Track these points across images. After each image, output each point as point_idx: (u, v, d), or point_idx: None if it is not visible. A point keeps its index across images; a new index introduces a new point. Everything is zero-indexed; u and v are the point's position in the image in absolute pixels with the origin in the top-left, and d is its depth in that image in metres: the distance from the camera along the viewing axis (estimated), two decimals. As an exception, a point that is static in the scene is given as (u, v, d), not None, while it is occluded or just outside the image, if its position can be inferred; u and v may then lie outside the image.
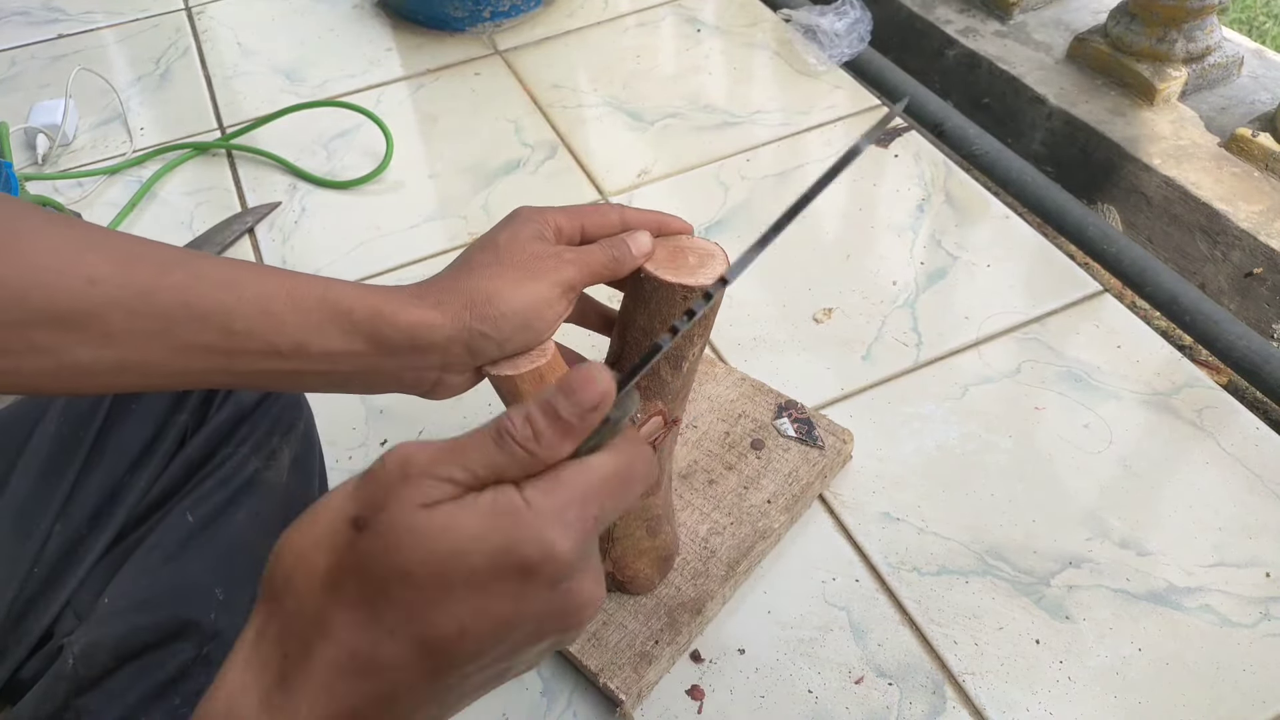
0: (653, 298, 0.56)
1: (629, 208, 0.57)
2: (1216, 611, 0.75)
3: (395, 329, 0.46)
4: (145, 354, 0.41)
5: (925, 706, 0.71)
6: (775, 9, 1.45)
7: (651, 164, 1.20)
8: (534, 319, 0.49)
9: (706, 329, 0.60)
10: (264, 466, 0.59)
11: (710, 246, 0.57)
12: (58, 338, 0.39)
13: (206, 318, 0.42)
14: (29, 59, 1.48)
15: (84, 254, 0.40)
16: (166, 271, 0.41)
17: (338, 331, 0.45)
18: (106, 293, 0.39)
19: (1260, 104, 1.21)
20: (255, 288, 0.43)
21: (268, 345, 0.43)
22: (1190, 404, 0.89)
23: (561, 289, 0.50)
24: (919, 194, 1.13)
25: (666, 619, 0.73)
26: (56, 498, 0.54)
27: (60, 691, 0.48)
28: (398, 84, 1.37)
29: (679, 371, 0.60)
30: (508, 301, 0.48)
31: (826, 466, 0.82)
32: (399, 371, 0.48)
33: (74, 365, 0.40)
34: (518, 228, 0.51)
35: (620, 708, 0.70)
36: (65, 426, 0.57)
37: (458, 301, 0.47)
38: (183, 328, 0.41)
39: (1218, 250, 1.11)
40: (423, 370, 0.48)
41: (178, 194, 1.22)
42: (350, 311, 0.45)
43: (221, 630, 0.52)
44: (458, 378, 0.50)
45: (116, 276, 0.40)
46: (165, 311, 0.41)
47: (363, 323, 0.45)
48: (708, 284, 0.55)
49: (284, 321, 0.43)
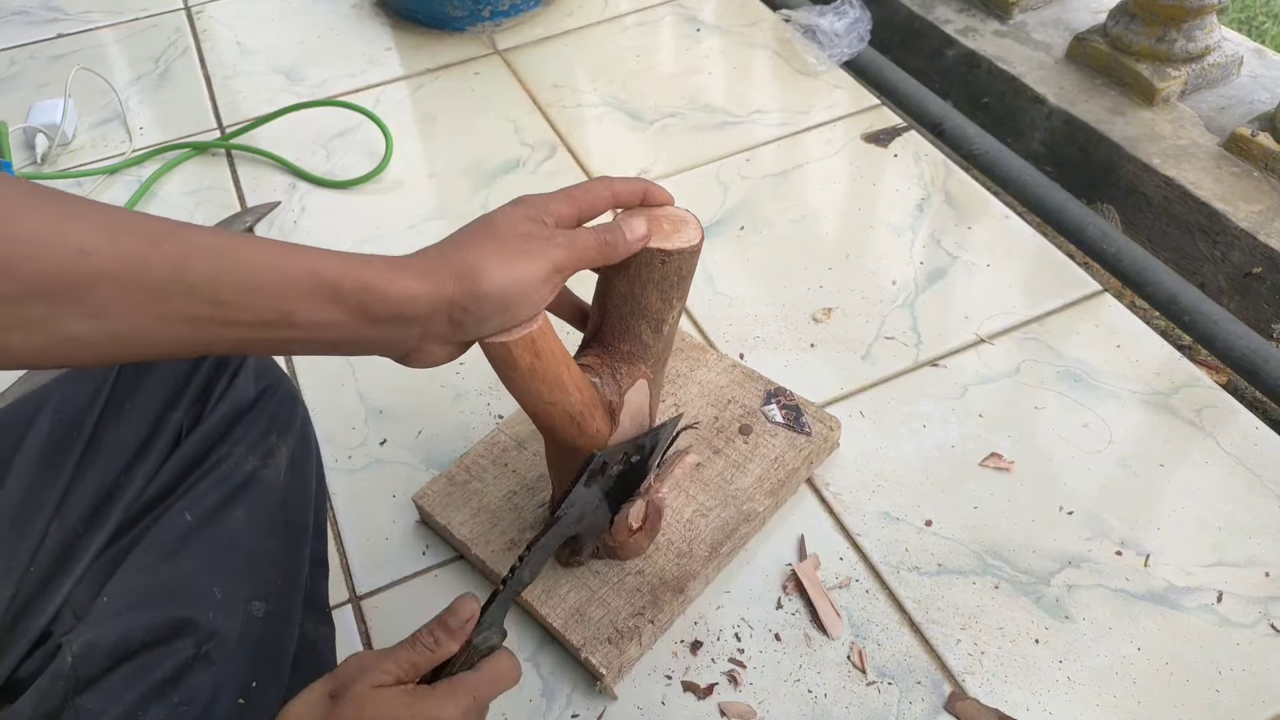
0: (631, 264, 0.59)
1: (617, 179, 0.59)
2: (1216, 611, 0.75)
3: (382, 302, 0.47)
4: (136, 324, 0.41)
5: (925, 706, 0.71)
6: (775, 8, 1.45)
7: (651, 163, 1.20)
8: (517, 300, 0.50)
9: (684, 292, 0.62)
10: (261, 465, 0.59)
11: (682, 213, 0.61)
12: (49, 310, 0.39)
13: (197, 289, 0.42)
14: (28, 58, 1.48)
15: (72, 225, 0.39)
16: (156, 242, 0.41)
17: (325, 303, 0.45)
18: (96, 264, 0.39)
19: (1260, 104, 1.21)
20: (245, 259, 0.43)
21: (256, 316, 0.44)
22: (1190, 403, 0.89)
23: (548, 272, 0.51)
24: (918, 194, 1.13)
25: (649, 597, 0.74)
26: (52, 497, 0.54)
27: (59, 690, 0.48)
28: (397, 83, 1.37)
29: (660, 335, 0.63)
30: (492, 280, 0.49)
31: (813, 453, 0.83)
32: (381, 339, 0.49)
33: (66, 337, 0.40)
34: (514, 210, 0.53)
35: (600, 681, 0.71)
36: (60, 426, 0.56)
37: (444, 272, 0.48)
38: (173, 298, 0.41)
39: (1217, 250, 1.11)
40: (404, 338, 0.49)
41: (177, 193, 1.22)
42: (338, 283, 0.45)
43: (219, 629, 0.52)
44: (437, 348, 0.51)
45: (106, 248, 0.40)
46: (156, 282, 0.41)
47: (350, 295, 0.46)
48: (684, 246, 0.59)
49: (273, 291, 0.44)
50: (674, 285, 0.60)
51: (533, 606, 0.75)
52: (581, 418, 0.60)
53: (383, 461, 0.90)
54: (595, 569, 0.76)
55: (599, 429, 0.62)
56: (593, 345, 0.64)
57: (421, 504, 0.82)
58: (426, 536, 0.84)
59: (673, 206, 0.61)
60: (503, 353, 0.53)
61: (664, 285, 0.60)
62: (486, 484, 0.82)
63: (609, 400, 0.62)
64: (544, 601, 0.74)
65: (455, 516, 0.80)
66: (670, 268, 0.59)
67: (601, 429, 0.62)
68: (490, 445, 0.85)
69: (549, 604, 0.74)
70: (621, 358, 0.63)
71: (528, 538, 0.78)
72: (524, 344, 0.53)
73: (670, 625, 0.75)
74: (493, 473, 0.83)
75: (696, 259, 0.61)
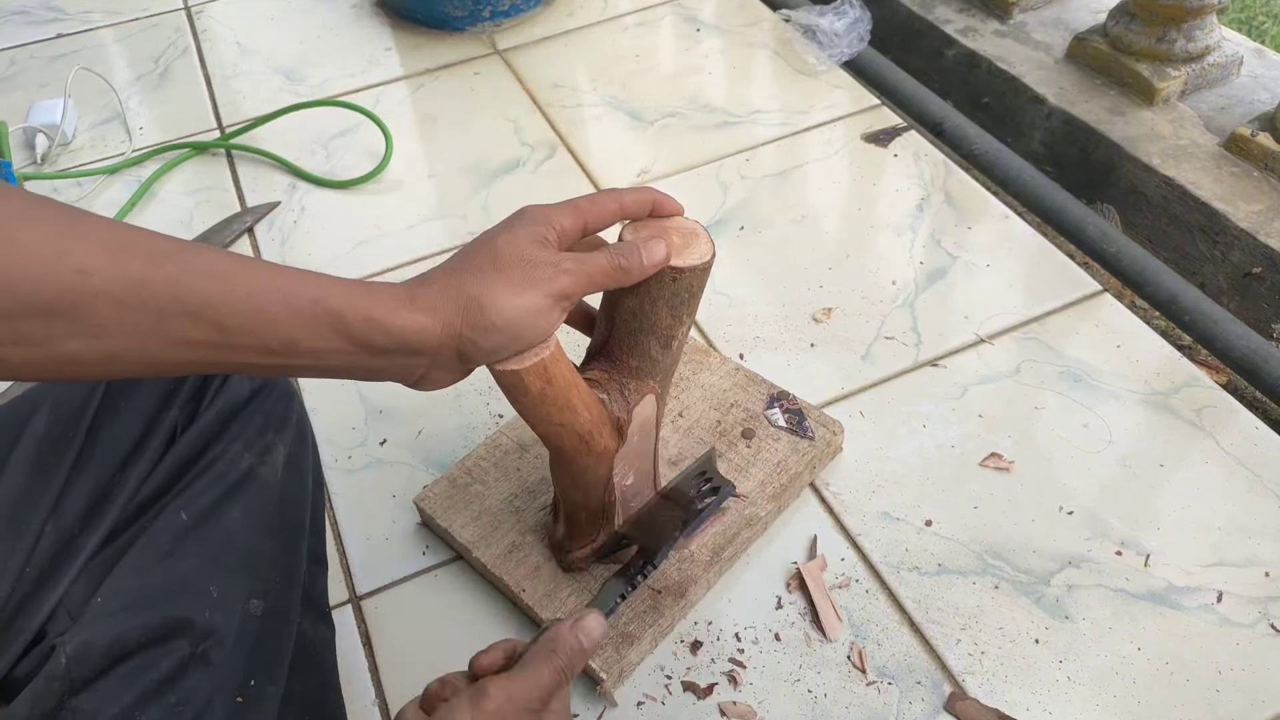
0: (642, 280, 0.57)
1: (627, 191, 0.57)
2: (1216, 611, 0.75)
3: (386, 334, 0.46)
4: (135, 345, 0.41)
5: (925, 706, 0.71)
6: (775, 8, 1.45)
7: (651, 163, 1.20)
8: (524, 330, 0.50)
9: (695, 308, 0.61)
10: (258, 463, 0.59)
11: (692, 225, 0.59)
12: (46, 328, 0.38)
13: (199, 313, 0.41)
14: (28, 58, 1.48)
15: (73, 243, 0.39)
16: (158, 263, 0.40)
17: (329, 332, 0.45)
18: (96, 284, 0.39)
19: (1260, 103, 1.21)
20: (248, 284, 0.43)
21: (259, 342, 0.43)
22: (1189, 403, 0.89)
23: (554, 299, 0.51)
24: (918, 194, 1.13)
25: (650, 601, 0.74)
26: (47, 497, 0.54)
27: (54, 691, 0.47)
28: (397, 83, 1.37)
29: (668, 350, 0.62)
30: (500, 312, 0.48)
31: (816, 457, 0.82)
32: (386, 368, 0.48)
33: (63, 356, 0.39)
34: (518, 231, 0.51)
35: (600, 686, 0.71)
36: (55, 426, 0.56)
37: (451, 307, 0.48)
38: (174, 321, 0.41)
39: (1217, 250, 1.11)
40: (410, 367, 0.49)
41: (177, 193, 1.22)
42: (341, 314, 0.45)
43: (216, 628, 0.52)
44: (445, 374, 0.51)
45: (106, 268, 0.39)
46: (156, 305, 0.40)
47: (354, 325, 0.45)
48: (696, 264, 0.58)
49: (276, 319, 0.43)
50: (684, 302, 0.59)
51: (533, 610, 0.74)
52: (590, 436, 0.60)
53: (383, 462, 0.90)
54: (596, 574, 0.76)
55: (606, 446, 0.62)
56: (600, 359, 0.63)
57: (423, 506, 0.82)
58: (426, 537, 0.84)
59: (682, 217, 0.59)
60: (514, 380, 0.52)
61: (674, 302, 0.59)
62: (488, 487, 0.82)
63: (617, 417, 0.61)
64: (544, 605, 0.74)
65: (456, 519, 0.80)
66: (681, 285, 0.58)
67: (609, 446, 0.62)
68: (492, 448, 0.85)
69: (549, 608, 0.74)
70: (630, 373, 0.62)
71: (529, 540, 0.78)
72: (535, 371, 0.52)
73: (671, 629, 0.75)
74: (494, 475, 0.83)
75: (708, 275, 0.59)
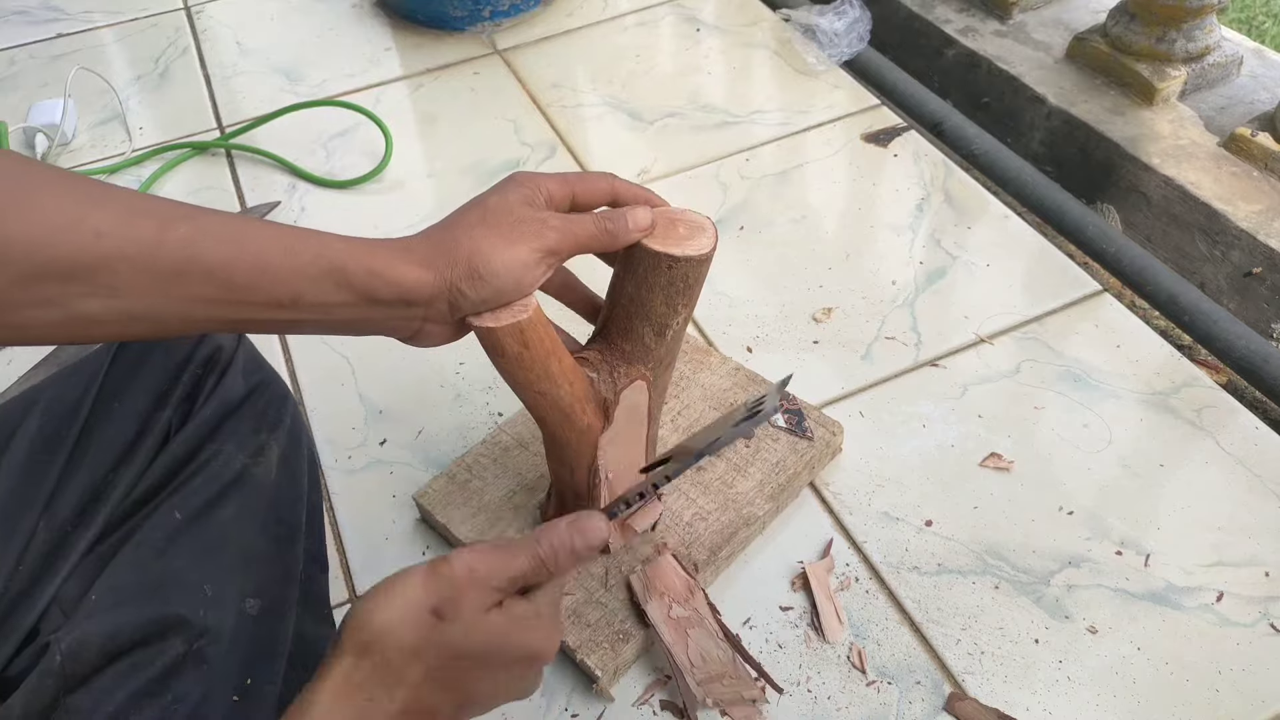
0: (639, 266, 0.59)
1: (619, 178, 0.59)
2: (1216, 611, 0.74)
3: (387, 286, 0.49)
4: (150, 305, 0.43)
5: (925, 706, 0.70)
6: (774, 8, 1.45)
7: (651, 163, 1.20)
8: (510, 282, 0.52)
9: (692, 300, 0.62)
10: (252, 462, 0.59)
11: (702, 220, 0.61)
12: (66, 290, 0.41)
13: (210, 272, 0.44)
14: (28, 58, 1.48)
15: (91, 209, 0.41)
16: (170, 226, 0.43)
17: (332, 286, 0.48)
18: (112, 246, 0.41)
19: (1259, 103, 1.21)
20: (256, 243, 0.45)
21: (268, 297, 0.46)
22: (1189, 403, 0.89)
23: (541, 254, 0.53)
24: (918, 193, 1.13)
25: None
26: (40, 496, 0.54)
27: (49, 689, 0.47)
28: (397, 83, 1.37)
29: (662, 339, 0.63)
30: (489, 264, 0.51)
31: (815, 458, 0.82)
32: (386, 320, 0.51)
33: (82, 316, 0.42)
34: (508, 191, 0.54)
35: (596, 684, 0.71)
36: (48, 425, 0.56)
37: (444, 259, 0.51)
38: (186, 280, 0.44)
39: (1217, 250, 1.11)
40: (407, 320, 0.52)
41: (177, 193, 1.22)
42: (344, 267, 0.48)
43: (211, 626, 0.52)
44: (439, 328, 0.54)
45: (122, 230, 0.42)
46: (170, 265, 0.43)
47: (356, 278, 0.48)
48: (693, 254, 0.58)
49: (282, 276, 0.46)
50: (680, 292, 0.60)
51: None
52: (571, 410, 0.61)
53: (383, 461, 0.90)
54: (593, 571, 0.76)
55: (590, 423, 0.63)
56: (597, 340, 0.64)
57: (422, 502, 0.82)
58: (426, 536, 0.84)
59: (694, 211, 0.60)
60: (491, 339, 0.54)
61: (669, 290, 0.59)
62: (487, 483, 0.82)
63: (603, 396, 0.62)
64: (542, 601, 0.74)
65: (455, 515, 0.80)
66: (676, 273, 0.59)
67: (593, 424, 0.63)
68: (491, 445, 0.85)
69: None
70: (622, 357, 0.63)
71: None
72: (510, 332, 0.54)
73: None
74: (493, 472, 0.83)
75: (705, 268, 0.60)
